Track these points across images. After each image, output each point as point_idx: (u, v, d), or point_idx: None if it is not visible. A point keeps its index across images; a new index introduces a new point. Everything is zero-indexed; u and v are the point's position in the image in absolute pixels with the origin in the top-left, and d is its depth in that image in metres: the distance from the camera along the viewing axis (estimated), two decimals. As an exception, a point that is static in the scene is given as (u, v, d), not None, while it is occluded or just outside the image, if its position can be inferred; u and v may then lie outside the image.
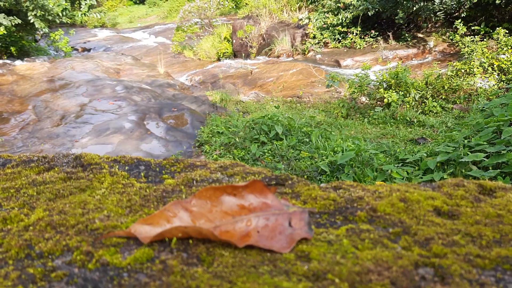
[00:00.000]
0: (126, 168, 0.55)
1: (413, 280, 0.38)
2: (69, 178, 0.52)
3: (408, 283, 0.38)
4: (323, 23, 10.70)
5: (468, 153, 3.53)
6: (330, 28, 10.69)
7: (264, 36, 11.67)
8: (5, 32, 10.38)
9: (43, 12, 10.97)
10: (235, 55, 12.42)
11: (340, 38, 10.70)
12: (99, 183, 0.51)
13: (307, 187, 0.52)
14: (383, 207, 0.48)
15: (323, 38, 10.73)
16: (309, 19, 10.94)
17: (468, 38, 7.81)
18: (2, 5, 10.31)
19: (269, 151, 5.24)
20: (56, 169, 0.54)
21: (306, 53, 10.88)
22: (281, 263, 0.40)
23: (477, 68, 6.80)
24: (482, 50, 7.05)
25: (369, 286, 0.37)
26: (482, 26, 9.11)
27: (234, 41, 12.34)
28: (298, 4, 12.30)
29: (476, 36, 8.06)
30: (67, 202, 0.48)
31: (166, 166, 0.56)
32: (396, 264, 0.40)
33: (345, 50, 10.48)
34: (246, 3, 14.74)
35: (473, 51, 7.15)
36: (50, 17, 11.41)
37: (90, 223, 0.44)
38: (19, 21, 10.38)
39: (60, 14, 12.01)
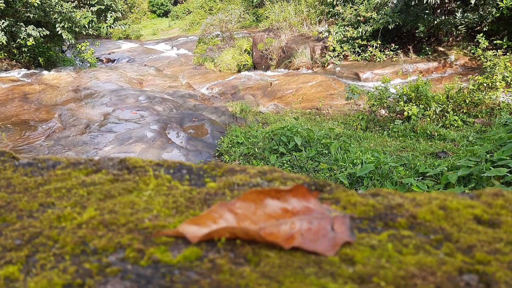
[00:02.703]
0: (170, 171, 0.57)
1: (458, 285, 0.39)
2: (116, 180, 0.54)
3: (453, 288, 0.38)
4: (342, 36, 10.72)
5: (491, 167, 3.47)
6: (350, 41, 10.70)
7: (284, 48, 11.75)
8: (34, 43, 10.74)
9: (70, 24, 11.33)
10: (255, 67, 12.53)
11: (359, 51, 10.69)
12: (145, 185, 0.54)
13: (345, 193, 0.53)
14: (423, 214, 0.49)
15: (343, 51, 10.75)
16: (329, 32, 10.98)
17: (490, 52, 7.71)
18: (31, 17, 10.70)
19: (288, 162, 5.24)
20: (103, 171, 0.56)
21: (325, 65, 10.90)
22: (326, 265, 0.41)
23: (500, 82, 6.69)
24: (505, 64, 6.94)
25: (414, 290, 0.38)
26: (504, 40, 8.97)
27: (254, 53, 12.46)
28: (318, 18, 12.37)
29: (498, 50, 7.94)
30: (116, 202, 0.50)
31: (207, 170, 0.58)
32: (440, 269, 0.40)
33: (364, 63, 10.46)
34: (266, 17, 14.90)
35: (495, 65, 7.05)
36: (77, 29, 11.78)
37: (139, 222, 0.46)
38: (48, 32, 10.74)
39: (87, 26, 12.38)
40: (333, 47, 10.76)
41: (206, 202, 0.51)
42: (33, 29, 10.44)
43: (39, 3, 10.18)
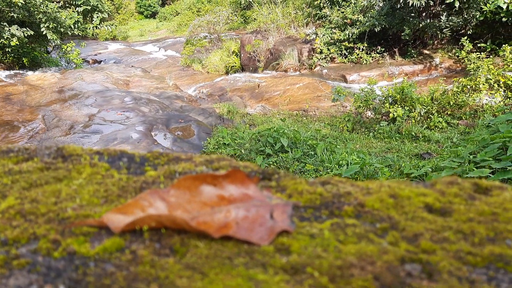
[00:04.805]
0: (108, 159, 0.53)
1: (398, 276, 0.35)
2: (47, 168, 0.50)
3: (392, 279, 0.35)
4: (330, 39, 10.76)
5: (474, 168, 3.48)
6: (337, 44, 10.74)
7: (272, 50, 11.75)
8: (18, 43, 10.56)
9: (55, 24, 11.17)
10: (243, 69, 12.50)
11: (346, 54, 10.73)
12: (77, 174, 0.50)
13: (293, 181, 0.50)
14: (371, 202, 0.46)
15: (330, 53, 10.78)
16: (316, 34, 11.01)
17: (474, 55, 7.80)
18: (15, 17, 10.52)
19: (275, 163, 5.22)
20: (35, 159, 0.52)
21: (313, 67, 10.92)
22: (259, 255, 0.38)
23: (483, 84, 6.77)
24: (488, 67, 7.02)
25: (350, 281, 0.35)
26: (488, 44, 9.10)
27: (242, 55, 12.43)
28: (306, 20, 12.40)
29: (482, 53, 8.04)
30: (41, 191, 0.46)
31: (149, 159, 0.54)
32: (381, 259, 0.37)
33: (351, 65, 10.50)
34: (254, 18, 14.90)
35: (479, 67, 7.13)
36: (62, 29, 11.62)
37: (61, 212, 0.42)
38: (32, 32, 10.57)
39: (72, 27, 12.23)
40: (320, 49, 10.79)
41: (141, 190, 0.47)
42: (17, 29, 10.27)
43: (23, 2, 10.01)
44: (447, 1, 8.30)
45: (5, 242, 0.38)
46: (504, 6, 7.83)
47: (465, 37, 8.61)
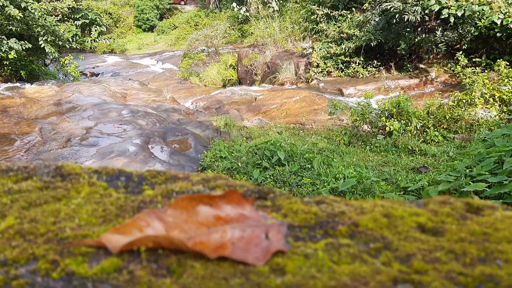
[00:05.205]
0: (106, 178, 0.54)
1: (391, 296, 0.36)
2: (46, 187, 0.51)
3: (385, 300, 0.36)
4: (326, 53, 10.87)
5: (470, 182, 3.49)
6: (333, 58, 10.85)
7: (269, 64, 11.84)
8: (16, 56, 10.60)
9: (53, 38, 11.23)
10: (240, 82, 12.58)
11: (343, 67, 10.84)
12: (76, 193, 0.50)
13: (288, 201, 0.50)
14: (365, 222, 0.47)
15: (326, 67, 10.88)
16: (313, 48, 11.12)
17: (469, 70, 7.89)
18: (14, 30, 10.58)
19: (271, 177, 5.22)
20: (34, 178, 0.53)
21: (309, 81, 11.01)
22: (254, 276, 0.38)
23: (479, 98, 6.83)
24: (483, 81, 7.10)
25: (344, 302, 0.35)
26: (483, 58, 9.21)
27: (239, 68, 12.52)
28: (303, 34, 12.53)
29: (477, 68, 8.13)
30: (41, 210, 0.47)
31: (147, 178, 0.55)
32: (374, 279, 0.38)
33: (347, 79, 10.59)
34: (251, 32, 15.04)
35: (474, 82, 7.21)
36: (60, 43, 11.68)
37: (60, 232, 0.43)
38: (30, 45, 10.62)
39: (70, 40, 12.30)
40: (317, 63, 10.89)
41: (139, 210, 0.48)
42: (15, 42, 10.32)
43: (22, 16, 10.08)
44: (442, 17, 8.43)
45: (5, 262, 0.39)
46: (499, 22, 7.96)
47: (460, 52, 8.72)
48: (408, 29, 9.52)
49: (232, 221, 0.44)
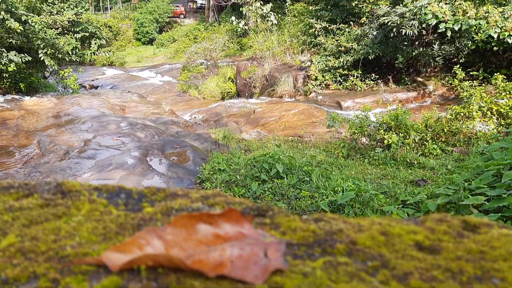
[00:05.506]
0: (107, 195, 0.54)
1: (389, 315, 0.36)
2: (47, 204, 0.51)
3: (383, 319, 0.36)
4: (324, 66, 10.96)
5: (469, 196, 3.49)
6: (332, 71, 10.94)
7: (267, 77, 11.92)
8: (15, 69, 10.66)
9: (53, 50, 11.31)
10: (238, 94, 12.65)
11: (341, 80, 10.92)
12: (76, 210, 0.51)
13: (287, 218, 0.51)
14: (363, 240, 0.47)
15: (325, 80, 10.96)
16: (311, 61, 11.22)
17: (466, 83, 7.96)
18: (14, 43, 10.66)
19: (270, 190, 5.21)
20: (35, 195, 0.53)
21: (308, 94, 11.07)
22: (253, 295, 0.39)
23: (476, 112, 6.88)
24: (481, 95, 7.16)
25: (342, 321, 0.35)
26: (480, 72, 9.29)
27: (238, 81, 12.60)
28: (301, 47, 12.65)
29: (474, 81, 8.20)
30: (41, 228, 0.47)
31: (147, 195, 0.55)
32: (372, 298, 0.38)
33: (346, 92, 10.66)
34: (250, 46, 15.18)
35: (471, 95, 7.26)
36: (60, 55, 11.76)
37: (61, 250, 0.43)
38: (30, 58, 10.69)
39: (70, 53, 12.38)
40: (315, 76, 10.97)
41: (139, 228, 0.48)
42: (15, 55, 10.38)
43: (22, 29, 10.17)
44: (439, 31, 8.53)
45: (6, 281, 0.39)
46: (495, 36, 8.05)
47: (458, 66, 8.81)
48: (405, 43, 9.62)
49: (231, 239, 0.44)
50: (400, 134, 6.63)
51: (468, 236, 0.49)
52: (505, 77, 7.90)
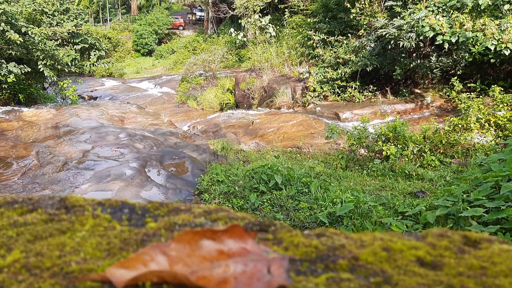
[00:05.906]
0: (110, 211, 0.55)
1: (392, 332, 0.37)
2: (51, 220, 0.52)
3: (386, 336, 0.36)
4: (323, 77, 11.03)
5: (468, 207, 3.49)
6: (330, 82, 11.01)
7: (266, 88, 11.98)
8: (15, 80, 10.69)
9: (52, 62, 11.36)
10: (237, 105, 12.69)
11: (339, 92, 10.97)
12: (80, 226, 0.51)
13: (289, 234, 0.51)
14: (365, 255, 0.47)
15: (323, 91, 11.02)
16: (310, 73, 11.29)
17: (464, 95, 8.00)
18: (13, 54, 10.70)
19: (268, 201, 5.20)
20: (39, 210, 0.54)
21: (306, 105, 11.12)
22: (257, 312, 0.39)
23: (474, 123, 6.91)
24: (479, 107, 7.20)
25: (345, 338, 0.36)
26: (478, 84, 9.36)
27: (236, 92, 12.66)
28: (299, 59, 12.74)
29: (472, 93, 8.25)
30: (46, 244, 0.47)
31: (150, 210, 0.56)
32: (375, 315, 0.38)
33: (344, 103, 10.71)
34: (249, 57, 15.28)
35: (469, 107, 7.31)
36: (59, 66, 11.81)
37: (65, 266, 0.44)
38: (29, 69, 10.73)
39: (69, 64, 12.44)
40: (314, 87, 11.03)
41: (143, 243, 0.49)
42: (15, 66, 10.42)
43: (22, 40, 10.22)
44: (437, 43, 8.61)
45: (11, 297, 0.39)
46: (492, 48, 8.13)
47: (455, 77, 8.87)
48: (403, 55, 9.71)
49: (234, 255, 0.45)
50: (398, 145, 6.65)
51: (469, 252, 0.49)
52: (502, 89, 7.96)
